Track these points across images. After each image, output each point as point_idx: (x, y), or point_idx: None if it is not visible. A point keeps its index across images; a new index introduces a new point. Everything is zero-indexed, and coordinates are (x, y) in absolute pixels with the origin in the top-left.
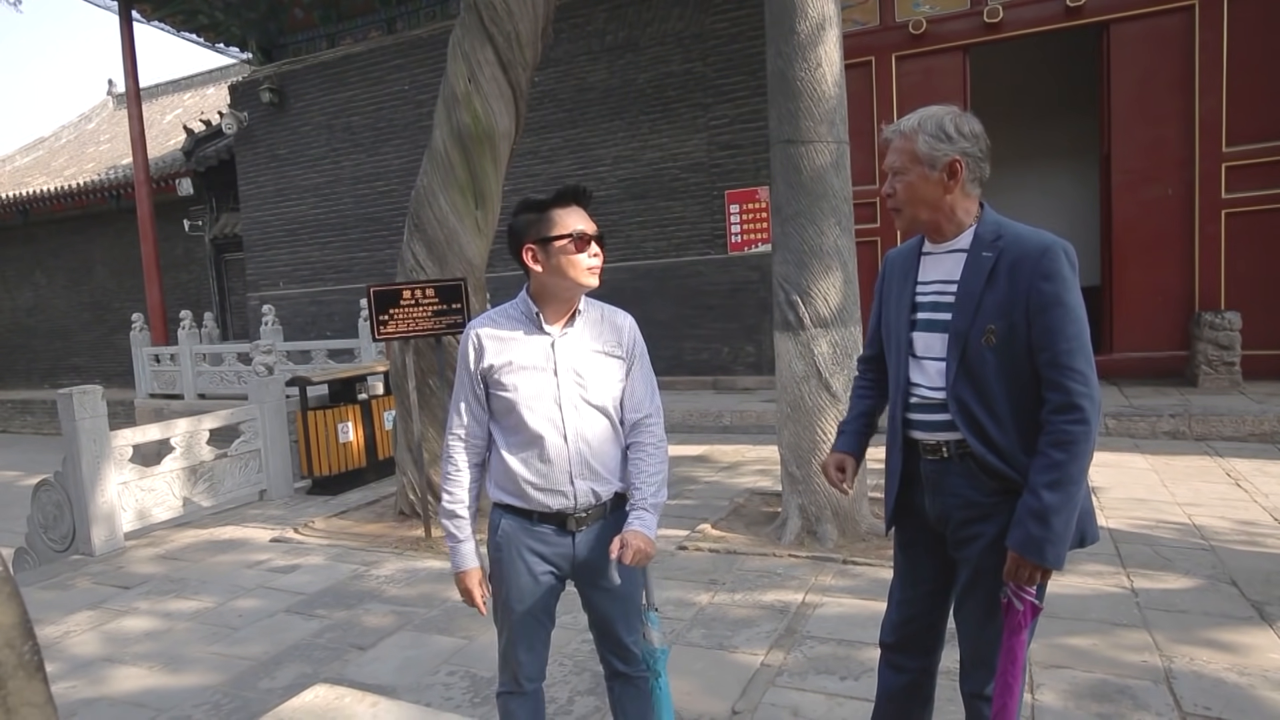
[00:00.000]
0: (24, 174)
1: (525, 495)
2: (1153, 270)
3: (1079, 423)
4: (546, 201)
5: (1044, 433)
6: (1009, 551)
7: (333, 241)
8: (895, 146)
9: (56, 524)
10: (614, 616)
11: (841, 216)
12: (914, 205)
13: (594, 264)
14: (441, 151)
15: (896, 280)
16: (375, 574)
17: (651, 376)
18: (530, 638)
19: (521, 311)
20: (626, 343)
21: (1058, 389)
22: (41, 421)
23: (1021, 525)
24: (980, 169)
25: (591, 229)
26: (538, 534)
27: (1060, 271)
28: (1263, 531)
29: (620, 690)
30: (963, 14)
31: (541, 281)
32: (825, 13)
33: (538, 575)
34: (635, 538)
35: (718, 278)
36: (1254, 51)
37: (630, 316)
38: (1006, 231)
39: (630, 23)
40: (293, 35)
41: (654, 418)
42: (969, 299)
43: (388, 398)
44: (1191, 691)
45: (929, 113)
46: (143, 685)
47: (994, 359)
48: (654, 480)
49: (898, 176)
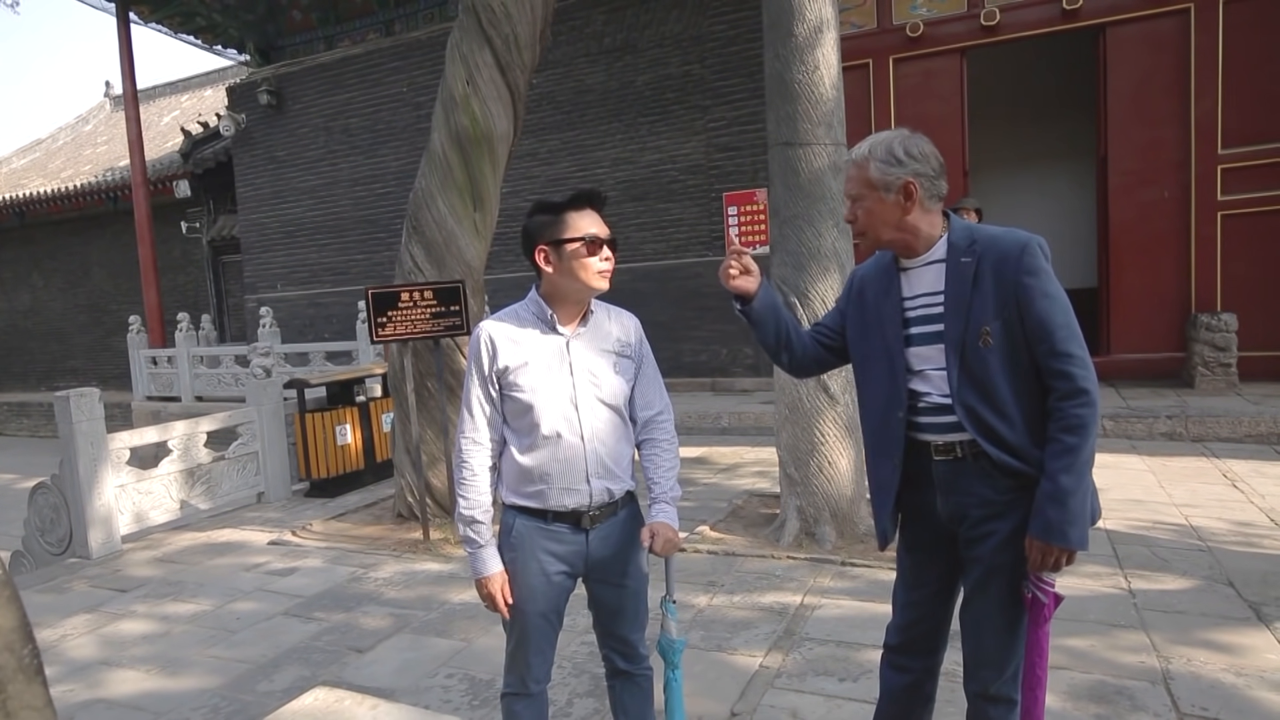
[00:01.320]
0: (21, 176)
1: (541, 495)
2: (1149, 272)
3: (1086, 405)
4: (560, 204)
5: (1053, 419)
6: (1034, 541)
7: (331, 244)
8: (850, 175)
9: (53, 527)
10: (624, 612)
11: (839, 219)
12: (875, 229)
13: (605, 268)
14: (440, 154)
15: (876, 298)
16: (374, 576)
17: (658, 375)
18: (541, 640)
19: (533, 312)
20: (634, 342)
21: (1062, 377)
22: (38, 424)
23: (1041, 513)
24: (935, 186)
25: (604, 233)
26: (552, 533)
27: (1040, 266)
28: (1259, 532)
29: (621, 688)
30: (960, 16)
31: (553, 283)
32: (823, 15)
33: (551, 575)
34: (664, 528)
35: (716, 279)
36: (1249, 55)
37: (635, 317)
38: (979, 236)
39: (628, 25)
40: (291, 37)
41: (665, 415)
42: (958, 306)
43: (386, 400)
44: (1189, 692)
45: (879, 139)
46: (141, 688)
47: (994, 359)
48: (669, 475)
49: (857, 203)
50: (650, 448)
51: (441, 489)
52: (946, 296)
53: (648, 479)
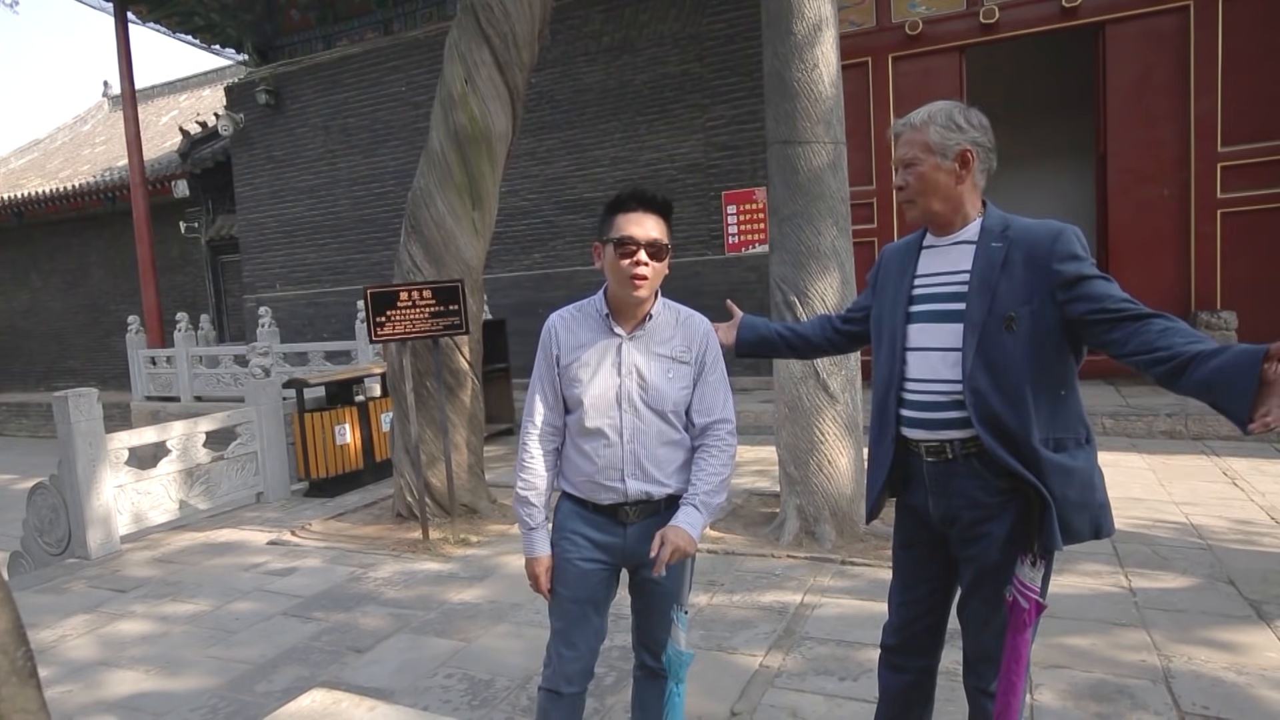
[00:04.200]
0: (19, 176)
1: (584, 486)
2: (1149, 269)
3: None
4: (614, 202)
5: (1172, 331)
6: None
7: (329, 243)
8: (906, 139)
9: (52, 527)
10: (655, 612)
11: (839, 217)
12: (927, 196)
13: (637, 272)
14: (438, 153)
15: (893, 275)
16: (373, 576)
17: (725, 383)
18: (573, 630)
19: (596, 309)
20: (698, 349)
21: (1150, 316)
22: (37, 424)
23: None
24: (989, 159)
25: (642, 235)
26: (593, 521)
27: (1076, 251)
28: (1259, 530)
29: (645, 686)
30: (959, 15)
31: (609, 281)
32: (822, 13)
33: (588, 562)
34: (676, 535)
35: (716, 278)
36: (1249, 52)
37: (707, 321)
38: (1013, 223)
39: (627, 24)
40: (289, 37)
41: (724, 423)
42: (984, 288)
43: (385, 399)
44: (1190, 691)
45: (938, 106)
46: (139, 689)
47: (1017, 346)
48: (713, 479)
49: (910, 168)
50: (701, 452)
51: (440, 488)
52: (973, 277)
53: (691, 479)
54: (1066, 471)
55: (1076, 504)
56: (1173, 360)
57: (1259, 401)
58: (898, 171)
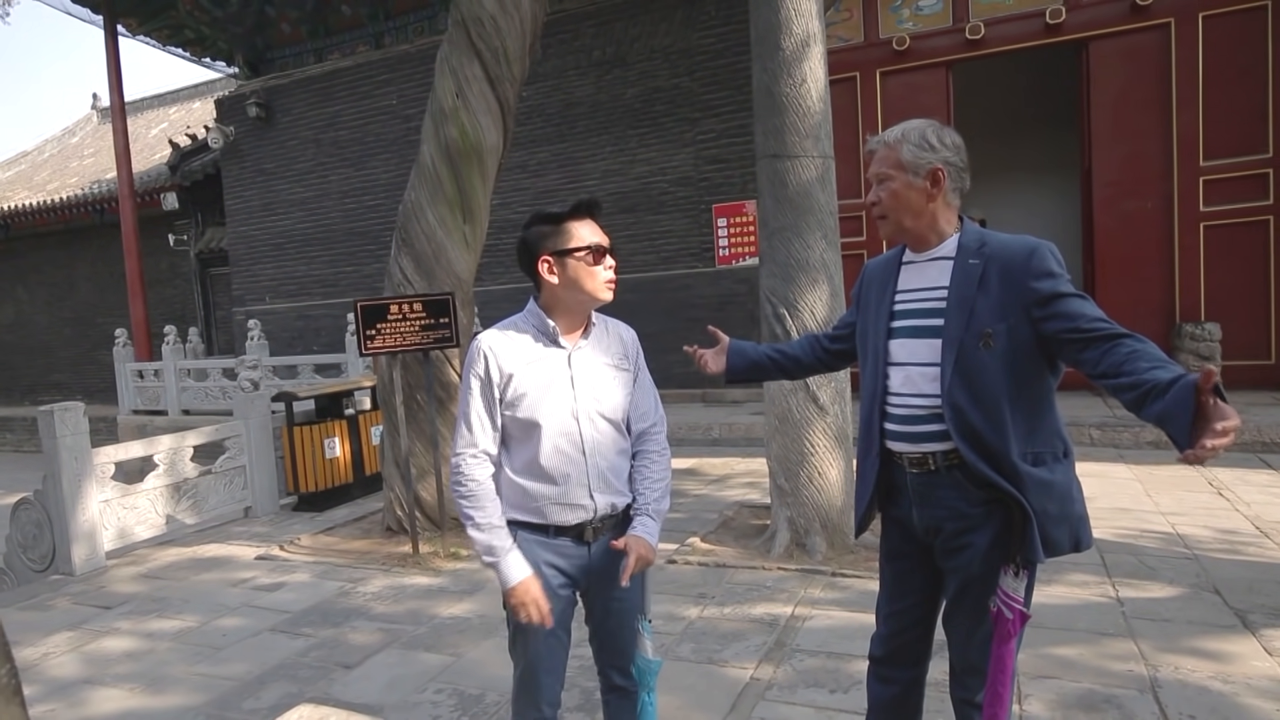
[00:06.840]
0: (6, 188)
1: (542, 511)
2: (1133, 282)
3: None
4: (562, 214)
5: (1138, 355)
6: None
7: (319, 256)
8: (880, 156)
9: (36, 543)
10: (624, 627)
11: (827, 230)
12: (898, 212)
13: (610, 277)
14: (429, 166)
15: (875, 291)
16: (362, 591)
17: (653, 386)
18: (551, 658)
19: (534, 325)
20: (631, 354)
21: (1121, 336)
22: (22, 439)
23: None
24: (961, 179)
25: (606, 241)
26: (555, 546)
27: (1051, 269)
28: (1244, 540)
29: (616, 704)
30: (945, 31)
31: (556, 294)
32: (810, 29)
33: (556, 589)
34: (638, 543)
35: (706, 291)
36: (1229, 68)
37: (630, 328)
38: (990, 240)
39: (618, 38)
40: (280, 50)
41: (659, 426)
42: (962, 304)
43: (375, 413)
44: (1176, 700)
45: (912, 124)
46: (124, 707)
47: (994, 362)
48: (657, 487)
49: (882, 184)
50: (641, 459)
51: (431, 502)
52: (950, 294)
53: (635, 490)
54: (1046, 485)
55: (1056, 517)
56: (1135, 390)
57: (1194, 431)
58: (871, 188)
